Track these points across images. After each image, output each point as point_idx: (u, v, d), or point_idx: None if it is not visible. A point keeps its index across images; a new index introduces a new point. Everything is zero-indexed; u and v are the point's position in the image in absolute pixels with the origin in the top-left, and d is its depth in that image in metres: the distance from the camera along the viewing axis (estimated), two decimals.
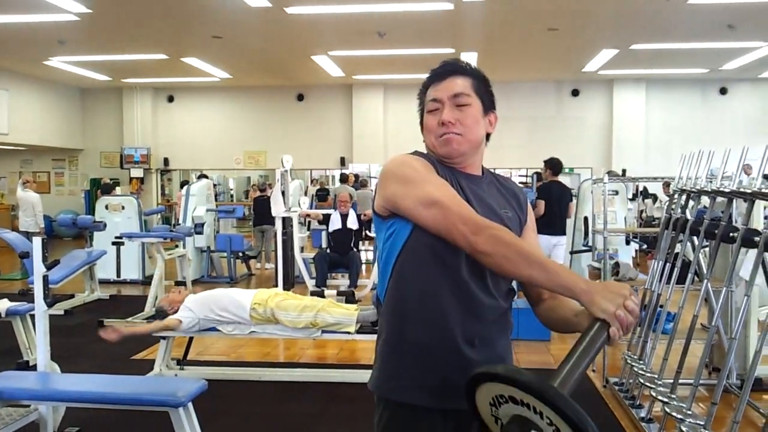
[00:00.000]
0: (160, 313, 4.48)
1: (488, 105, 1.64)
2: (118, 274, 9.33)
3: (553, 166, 6.64)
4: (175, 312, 4.40)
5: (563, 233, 6.52)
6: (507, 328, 1.65)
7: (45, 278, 3.21)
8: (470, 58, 11.32)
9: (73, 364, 4.69)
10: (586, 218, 7.19)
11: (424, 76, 1.68)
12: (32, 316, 4.34)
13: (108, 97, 15.65)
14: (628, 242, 7.30)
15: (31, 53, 11.54)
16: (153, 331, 4.36)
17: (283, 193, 7.36)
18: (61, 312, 6.98)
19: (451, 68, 1.63)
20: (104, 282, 8.79)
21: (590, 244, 6.37)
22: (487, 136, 1.67)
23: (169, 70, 13.04)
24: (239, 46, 11.03)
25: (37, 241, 3.16)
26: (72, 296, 7.74)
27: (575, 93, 14.60)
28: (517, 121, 14.16)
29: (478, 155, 1.65)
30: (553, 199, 6.44)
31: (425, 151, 1.67)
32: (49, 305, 3.26)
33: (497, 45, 10.82)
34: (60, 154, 16.04)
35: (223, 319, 4.34)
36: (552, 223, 6.38)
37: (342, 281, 7.95)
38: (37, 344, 3.30)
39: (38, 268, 3.17)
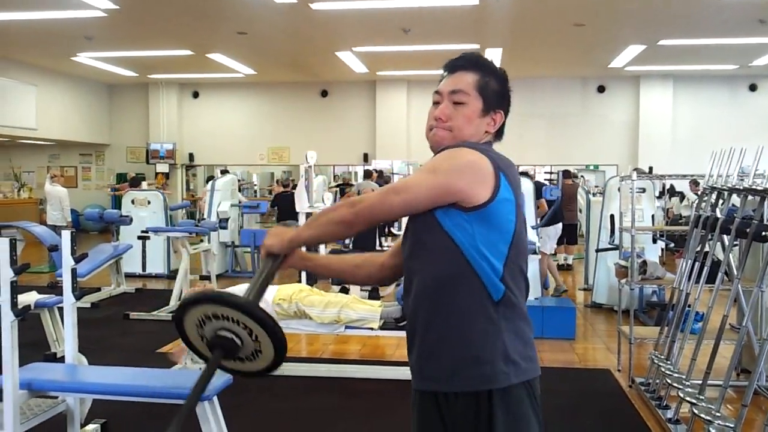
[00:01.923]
0: None
1: (492, 104, 1.62)
2: (144, 268, 9.41)
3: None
4: None
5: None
6: (445, 307, 1.54)
7: (74, 271, 3.25)
8: (495, 54, 11.25)
9: (99, 356, 4.74)
10: (612, 216, 7.09)
11: None
12: (60, 309, 4.40)
13: (134, 92, 15.81)
14: (655, 240, 7.18)
15: (58, 49, 11.70)
16: None
17: (307, 188, 7.36)
18: (88, 305, 7.07)
19: (461, 62, 1.64)
20: (130, 276, 8.89)
21: (617, 242, 6.29)
22: (499, 133, 1.67)
23: (194, 66, 13.14)
24: (264, 42, 11.07)
25: (66, 235, 3.20)
26: (98, 289, 7.85)
27: (601, 89, 14.43)
28: (541, 118, 14.05)
29: None
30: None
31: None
32: (78, 298, 3.30)
33: (522, 41, 10.73)
34: (87, 149, 16.25)
35: None
36: (556, 216, 8.37)
37: None
38: (65, 336, 3.34)
39: (67, 261, 3.20)
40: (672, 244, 8.43)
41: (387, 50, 11.39)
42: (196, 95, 15.87)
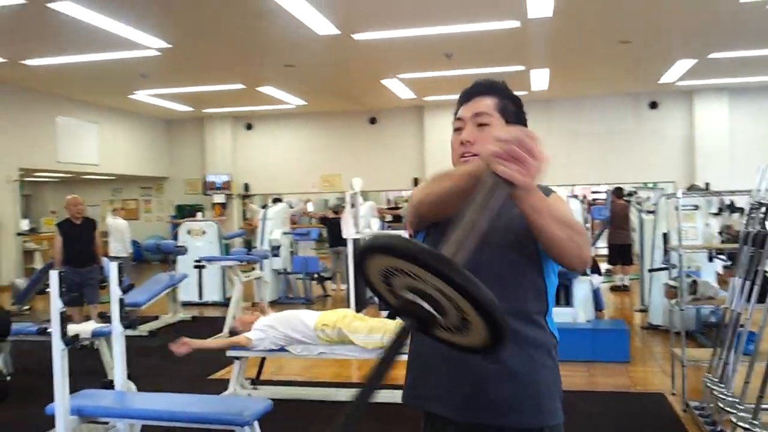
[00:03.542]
0: (233, 334, 4.62)
1: (513, 124, 1.62)
2: (200, 296, 9.66)
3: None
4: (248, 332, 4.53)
5: None
6: (524, 338, 1.52)
7: (121, 301, 3.38)
8: (541, 74, 11.20)
9: (153, 383, 4.87)
10: (665, 235, 6.92)
11: None
12: None
13: (191, 127, 16.36)
14: (711, 259, 6.95)
15: (117, 88, 12.24)
16: (221, 348, 4.50)
17: (353, 215, 7.46)
18: (146, 333, 7.27)
19: (477, 89, 1.68)
20: (187, 304, 9.11)
21: (670, 261, 6.13)
22: None
23: (246, 100, 13.53)
24: (311, 73, 11.32)
25: (113, 267, 3.33)
26: (156, 318, 8.07)
27: (653, 105, 14.13)
28: (591, 136, 13.87)
29: None
30: None
31: None
32: (126, 327, 3.43)
33: (567, 60, 10.65)
34: (147, 182, 16.85)
35: (290, 338, 4.43)
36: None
37: None
38: (115, 364, 3.47)
39: (114, 291, 3.34)
40: (730, 263, 8.13)
41: (431, 75, 11.47)
42: (249, 127, 16.29)
